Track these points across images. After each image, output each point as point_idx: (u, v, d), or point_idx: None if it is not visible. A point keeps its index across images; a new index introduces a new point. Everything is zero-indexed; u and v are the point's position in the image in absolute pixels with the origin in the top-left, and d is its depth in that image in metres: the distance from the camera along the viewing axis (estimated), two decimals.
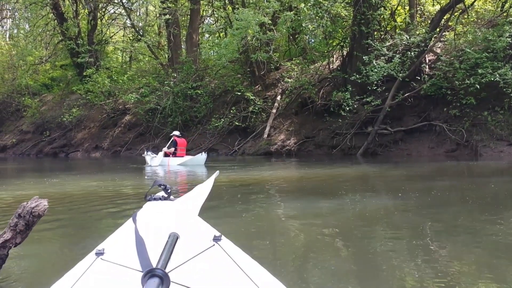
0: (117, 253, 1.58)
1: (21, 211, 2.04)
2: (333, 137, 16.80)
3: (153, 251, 1.50)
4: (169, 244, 1.50)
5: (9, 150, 27.65)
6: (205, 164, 13.14)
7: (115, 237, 1.83)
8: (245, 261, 1.50)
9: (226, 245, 1.61)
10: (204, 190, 2.69)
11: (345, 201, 5.78)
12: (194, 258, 1.52)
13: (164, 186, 2.35)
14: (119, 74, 25.87)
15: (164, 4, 21.20)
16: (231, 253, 1.54)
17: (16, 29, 35.97)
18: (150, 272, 1.24)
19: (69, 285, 1.38)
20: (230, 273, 1.44)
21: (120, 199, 6.84)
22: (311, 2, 15.94)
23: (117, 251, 1.61)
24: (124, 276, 1.43)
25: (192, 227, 1.83)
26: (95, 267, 1.50)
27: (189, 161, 13.31)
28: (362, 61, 15.36)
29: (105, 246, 1.62)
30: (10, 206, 6.08)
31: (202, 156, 13.22)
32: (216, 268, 1.49)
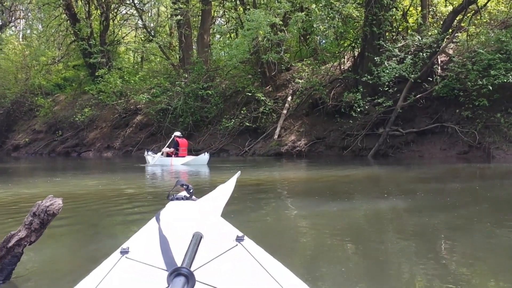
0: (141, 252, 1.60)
1: (36, 210, 2.07)
2: (344, 138, 16.74)
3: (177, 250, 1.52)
4: (193, 243, 1.51)
5: (22, 149, 27.97)
6: (207, 164, 13.27)
7: (139, 235, 1.85)
8: (269, 262, 1.51)
9: (249, 245, 1.62)
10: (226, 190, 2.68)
11: (355, 203, 5.77)
12: (218, 258, 1.53)
13: (186, 186, 2.37)
14: (131, 74, 26.04)
15: (176, 5, 21.30)
16: (254, 253, 1.55)
17: (29, 30, 36.38)
18: (176, 271, 1.25)
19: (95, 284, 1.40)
20: (254, 273, 1.45)
21: (128, 197, 6.90)
22: (322, 2, 15.92)
23: (142, 250, 1.63)
24: (149, 275, 1.45)
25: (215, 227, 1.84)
26: (120, 266, 1.52)
27: (192, 161, 13.49)
28: (374, 62, 15.30)
29: (130, 244, 1.64)
30: (23, 204, 6.16)
31: (205, 156, 13.39)
32: (240, 268, 1.50)
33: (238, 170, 11.40)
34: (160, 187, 8.69)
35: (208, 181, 9.12)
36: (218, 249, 1.58)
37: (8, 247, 2.05)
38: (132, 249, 1.61)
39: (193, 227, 1.73)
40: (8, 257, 2.06)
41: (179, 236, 1.68)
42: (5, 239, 2.08)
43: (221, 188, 2.75)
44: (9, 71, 29.92)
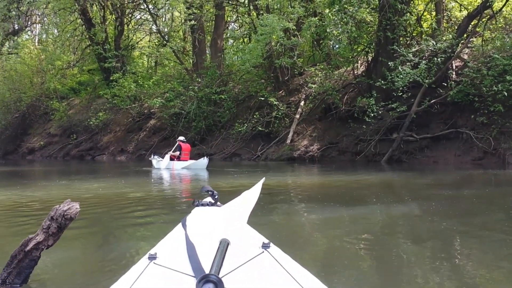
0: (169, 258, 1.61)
1: (54, 214, 2.10)
2: (357, 144, 16.65)
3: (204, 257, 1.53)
4: (220, 250, 1.53)
5: (37, 152, 28.33)
6: (207, 168, 13.75)
7: (166, 241, 1.87)
8: (296, 269, 1.51)
9: (275, 252, 1.62)
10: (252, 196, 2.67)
11: (368, 208, 5.73)
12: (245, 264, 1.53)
13: (211, 192, 2.38)
14: (145, 79, 26.26)
15: (190, 10, 21.45)
16: (281, 260, 1.55)
17: (45, 34, 36.88)
18: (205, 278, 1.27)
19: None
20: (281, 280, 1.46)
21: (137, 201, 6.95)
22: (336, 7, 15.90)
23: (169, 256, 1.64)
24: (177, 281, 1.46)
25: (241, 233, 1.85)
26: (149, 271, 1.54)
27: (192, 165, 14.07)
28: (388, 67, 15.22)
29: (157, 250, 1.66)
30: (36, 207, 6.24)
31: (204, 160, 13.90)
32: (267, 275, 1.50)
33: (255, 174, 11.45)
34: (166, 191, 8.75)
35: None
36: (245, 256, 1.59)
37: (26, 250, 2.07)
38: (159, 255, 1.63)
39: (220, 233, 1.74)
40: (26, 261, 2.08)
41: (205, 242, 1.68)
42: (23, 243, 2.11)
43: (246, 194, 2.73)
44: (25, 75, 30.34)
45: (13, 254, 2.12)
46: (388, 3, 15.29)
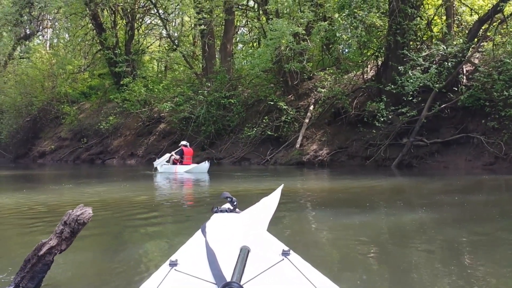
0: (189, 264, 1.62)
1: (67, 219, 2.12)
2: (366, 148, 16.58)
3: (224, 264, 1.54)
4: (241, 257, 1.53)
5: (48, 156, 28.55)
6: (208, 171, 14.04)
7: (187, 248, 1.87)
8: (316, 276, 1.51)
9: (295, 260, 1.62)
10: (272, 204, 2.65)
11: (378, 214, 5.71)
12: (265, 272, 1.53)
13: (230, 198, 2.39)
14: (155, 83, 26.39)
15: (200, 15, 21.55)
16: (301, 267, 1.55)
17: (56, 39, 37.23)
18: (227, 286, 1.28)
19: None
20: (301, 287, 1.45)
21: (147, 205, 7.00)
22: (345, 12, 15.89)
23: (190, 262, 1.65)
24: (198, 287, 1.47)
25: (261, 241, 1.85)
26: (170, 278, 1.55)
27: (194, 169, 14.43)
28: (398, 71, 15.16)
29: (178, 257, 1.67)
30: (48, 211, 6.30)
31: (206, 164, 14.19)
32: (287, 282, 1.50)
33: (264, 179, 11.45)
34: (171, 195, 8.78)
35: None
36: (265, 263, 1.58)
37: (40, 255, 2.10)
38: (180, 261, 1.64)
39: (240, 240, 1.74)
40: (39, 265, 2.11)
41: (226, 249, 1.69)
42: (37, 247, 2.14)
43: (265, 201, 2.70)
44: (36, 79, 30.60)
45: (26, 259, 2.15)
46: (398, 7, 15.25)
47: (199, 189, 9.58)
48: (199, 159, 21.08)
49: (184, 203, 7.54)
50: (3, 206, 6.81)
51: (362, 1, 15.81)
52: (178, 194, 9.38)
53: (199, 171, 14.25)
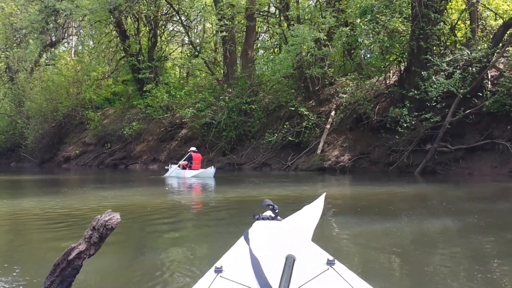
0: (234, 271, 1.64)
1: (95, 224, 2.17)
2: (389, 154, 16.40)
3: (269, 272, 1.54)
4: (287, 266, 1.53)
5: (73, 161, 29.06)
6: (214, 176, 14.73)
7: (231, 255, 1.89)
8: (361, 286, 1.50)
9: (340, 269, 1.62)
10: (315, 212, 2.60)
11: (402, 221, 5.65)
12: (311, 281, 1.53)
13: (272, 206, 2.37)
14: (177, 89, 26.68)
15: (221, 22, 21.73)
16: (347, 277, 1.55)
17: (81, 46, 38.04)
18: None
19: None
20: None
21: (164, 209, 7.07)
22: (367, 17, 15.81)
23: (235, 269, 1.66)
24: None
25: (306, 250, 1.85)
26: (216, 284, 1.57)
27: (201, 174, 15.17)
28: (421, 77, 14.99)
29: (223, 263, 1.69)
30: (73, 216, 6.42)
31: (212, 169, 14.94)
32: None
33: (284, 184, 11.43)
34: (184, 200, 8.85)
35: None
36: (310, 272, 1.58)
37: (69, 259, 2.14)
38: (225, 268, 1.65)
39: (285, 249, 1.74)
40: (68, 269, 2.15)
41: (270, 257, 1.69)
42: (66, 252, 2.19)
43: (307, 209, 2.67)
44: (62, 86, 31.21)
45: (56, 263, 2.20)
46: (421, 12, 15.10)
47: (216, 195, 9.63)
48: (220, 165, 21.26)
49: (201, 208, 7.59)
50: (29, 210, 6.97)
51: (384, 7, 15.72)
52: (194, 199, 9.46)
53: (205, 175, 14.90)
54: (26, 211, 6.95)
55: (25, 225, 5.83)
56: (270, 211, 2.42)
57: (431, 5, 15.30)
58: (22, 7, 30.93)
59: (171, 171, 16.09)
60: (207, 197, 9.29)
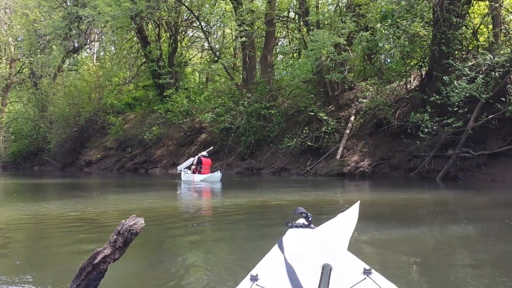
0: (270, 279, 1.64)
1: (120, 229, 2.21)
2: (410, 160, 16.21)
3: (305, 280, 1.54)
4: (324, 275, 1.53)
5: (94, 165, 29.51)
6: (220, 180, 15.43)
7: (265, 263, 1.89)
8: None
9: (377, 279, 1.61)
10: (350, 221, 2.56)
11: (423, 227, 5.59)
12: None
13: (305, 214, 2.35)
14: (197, 94, 26.89)
15: (241, 27, 21.85)
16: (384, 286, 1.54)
17: (103, 52, 38.69)
18: None
19: None
20: None
21: (187, 214, 7.11)
22: (388, 22, 15.71)
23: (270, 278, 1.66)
24: None
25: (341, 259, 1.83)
26: None
27: (208, 178, 15.88)
28: (442, 82, 14.82)
29: (258, 271, 1.69)
30: (94, 220, 6.52)
31: (218, 174, 15.71)
32: None
33: (304, 189, 11.41)
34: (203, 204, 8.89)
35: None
36: (347, 282, 1.57)
37: (94, 263, 2.20)
38: (261, 276, 1.66)
39: (322, 258, 1.73)
40: (94, 273, 2.20)
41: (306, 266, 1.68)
42: (92, 256, 2.24)
43: (342, 217, 2.62)
44: (84, 91, 31.80)
45: (81, 267, 2.25)
46: (443, 17, 14.94)
47: (232, 199, 9.65)
48: (239, 169, 21.33)
49: (218, 212, 7.62)
50: (50, 214, 7.10)
51: (405, 11, 15.61)
52: (210, 203, 9.53)
53: (212, 180, 15.63)
54: (48, 214, 7.09)
55: (46, 229, 5.95)
56: (303, 219, 2.40)
57: (453, 9, 15.12)
58: (46, 14, 31.59)
59: (184, 166, 16.89)
60: (223, 201, 9.33)
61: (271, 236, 5.02)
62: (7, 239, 5.15)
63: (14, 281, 3.13)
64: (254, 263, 3.74)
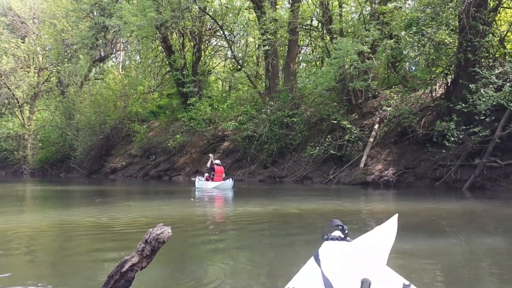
0: None
1: (148, 237, 2.26)
2: (435, 169, 15.96)
3: None
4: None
5: (119, 172, 29.95)
6: (232, 188, 15.84)
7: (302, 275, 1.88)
8: None
9: None
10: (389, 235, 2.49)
11: (449, 240, 5.49)
12: None
13: (341, 226, 2.33)
14: (220, 102, 27.11)
15: (264, 36, 21.96)
16: None
17: (128, 61, 39.41)
18: None
19: None
20: None
21: (207, 221, 7.14)
22: (413, 29, 15.57)
23: None
24: None
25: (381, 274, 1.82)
26: None
27: (220, 185, 16.20)
28: (469, 90, 14.57)
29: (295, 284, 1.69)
30: (120, 227, 6.62)
31: (230, 182, 16.17)
32: None
33: (326, 198, 11.35)
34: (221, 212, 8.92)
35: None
36: None
37: (122, 271, 2.24)
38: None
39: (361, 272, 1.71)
40: (121, 281, 2.25)
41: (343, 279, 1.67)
42: (119, 264, 2.29)
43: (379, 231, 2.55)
44: (110, 99, 32.38)
45: (110, 274, 2.30)
46: (469, 24, 14.72)
47: (254, 207, 9.66)
48: (261, 177, 21.34)
49: (238, 220, 7.62)
50: (77, 221, 7.24)
51: (430, 19, 15.45)
52: (231, 210, 9.52)
53: (224, 187, 16.00)
54: (74, 221, 7.23)
55: (72, 235, 6.06)
56: (339, 231, 2.36)
57: (479, 16, 14.89)
58: (74, 24, 32.40)
59: (198, 182, 17.19)
60: (245, 209, 9.33)
61: (294, 245, 5.02)
62: (34, 246, 5.28)
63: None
64: (278, 271, 3.76)
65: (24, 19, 38.99)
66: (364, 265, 1.87)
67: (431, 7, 15.88)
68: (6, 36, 37.70)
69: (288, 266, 3.93)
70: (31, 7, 39.17)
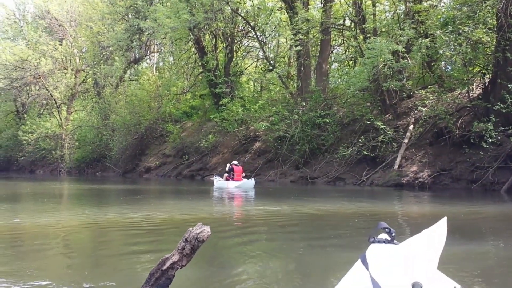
0: None
1: (188, 236, 2.32)
2: (473, 171, 15.55)
3: None
4: None
5: (153, 171, 30.48)
6: (254, 187, 16.19)
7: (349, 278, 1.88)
8: None
9: None
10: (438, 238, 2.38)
11: (487, 243, 5.37)
12: None
13: (388, 229, 2.31)
14: (251, 103, 27.22)
15: (296, 36, 21.92)
16: None
17: (162, 62, 40.05)
18: None
19: None
20: None
21: (239, 222, 7.19)
22: (449, 28, 15.25)
23: None
24: None
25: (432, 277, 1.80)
26: None
27: (242, 185, 16.64)
28: (507, 90, 14.16)
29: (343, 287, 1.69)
30: (153, 225, 6.76)
31: (252, 181, 16.63)
32: None
33: (359, 200, 11.24)
34: (255, 212, 8.93)
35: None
36: None
37: (163, 269, 2.31)
38: None
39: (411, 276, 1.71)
40: (162, 279, 2.32)
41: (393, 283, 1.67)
42: (160, 262, 2.36)
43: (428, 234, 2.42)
44: (144, 100, 32.99)
45: (151, 272, 2.38)
46: (507, 22, 14.29)
47: (287, 208, 9.65)
48: (293, 178, 21.30)
49: (270, 221, 7.64)
50: (113, 219, 7.43)
51: (467, 17, 15.10)
52: (262, 211, 9.53)
53: (246, 187, 16.37)
54: (109, 219, 7.42)
55: (108, 233, 6.23)
56: (386, 234, 2.35)
57: None
58: (109, 27, 33.18)
59: (217, 182, 17.51)
60: (277, 209, 9.35)
61: (328, 247, 5.02)
62: (72, 243, 5.46)
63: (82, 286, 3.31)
64: (313, 273, 3.77)
65: (61, 22, 40.20)
66: (415, 268, 1.85)
67: (467, 5, 15.51)
68: (45, 38, 38.97)
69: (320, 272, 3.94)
70: (68, 10, 40.36)
